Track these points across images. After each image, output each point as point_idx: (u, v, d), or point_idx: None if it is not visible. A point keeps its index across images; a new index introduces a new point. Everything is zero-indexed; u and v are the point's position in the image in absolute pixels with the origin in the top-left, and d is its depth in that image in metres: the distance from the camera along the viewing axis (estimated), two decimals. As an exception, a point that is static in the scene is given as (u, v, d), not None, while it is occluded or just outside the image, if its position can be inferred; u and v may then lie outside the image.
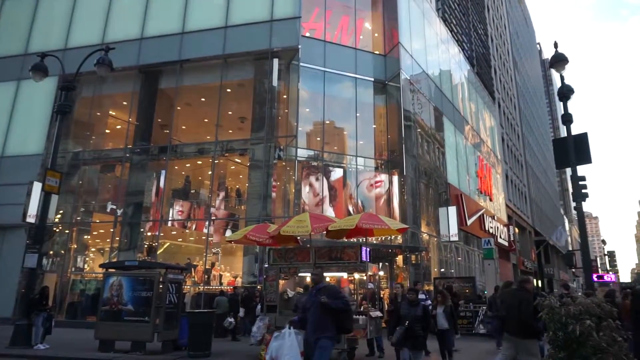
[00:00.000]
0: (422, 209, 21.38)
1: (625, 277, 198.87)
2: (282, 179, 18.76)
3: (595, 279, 27.01)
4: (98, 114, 20.41)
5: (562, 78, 12.78)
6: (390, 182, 20.31)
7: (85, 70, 12.78)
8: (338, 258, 10.52)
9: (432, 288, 18.90)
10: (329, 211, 18.15)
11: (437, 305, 9.07)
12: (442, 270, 22.84)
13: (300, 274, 11.29)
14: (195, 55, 18.80)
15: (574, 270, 62.21)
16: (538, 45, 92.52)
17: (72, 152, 19.75)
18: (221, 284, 17.79)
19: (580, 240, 12.58)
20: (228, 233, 17.69)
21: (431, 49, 26.01)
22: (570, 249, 65.58)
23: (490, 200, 31.54)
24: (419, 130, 22.35)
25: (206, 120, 20.06)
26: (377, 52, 22.06)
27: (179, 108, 19.66)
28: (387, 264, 19.34)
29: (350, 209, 18.82)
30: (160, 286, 10.49)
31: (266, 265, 11.61)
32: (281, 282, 10.88)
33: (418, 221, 20.45)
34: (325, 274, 12.22)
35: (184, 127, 20.60)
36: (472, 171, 29.00)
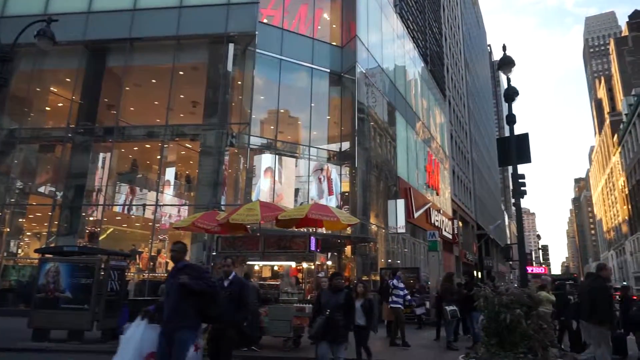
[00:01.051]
0: (372, 201, 21.80)
1: (556, 269, 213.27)
2: (233, 166, 18.51)
3: (529, 271, 28.84)
4: (38, 89, 19.18)
5: (508, 80, 13.35)
6: (342, 173, 20.56)
7: (25, 41, 11.95)
8: (287, 247, 10.59)
9: (378, 278, 19.40)
10: (280, 200, 18.13)
11: (356, 299, 7.82)
12: (389, 261, 23.46)
13: (249, 262, 11.27)
14: (147, 34, 18.07)
15: (511, 262, 65.85)
16: (488, 48, 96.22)
17: (7, 129, 18.49)
18: (167, 271, 17.39)
19: (518, 235, 13.32)
20: (176, 220, 17.28)
21: (387, 43, 26.40)
22: (508, 242, 69.30)
23: (437, 194, 32.67)
24: (372, 123, 22.70)
25: (156, 102, 19.37)
26: (334, 44, 22.12)
27: (127, 88, 18.85)
28: (335, 254, 19.61)
29: (302, 199, 18.88)
30: (102, 273, 10.12)
31: (214, 253, 11.48)
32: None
33: (367, 213, 20.84)
34: (274, 263, 12.29)
35: (132, 108, 19.79)
36: (421, 166, 29.87)
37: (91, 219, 18.20)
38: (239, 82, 19.10)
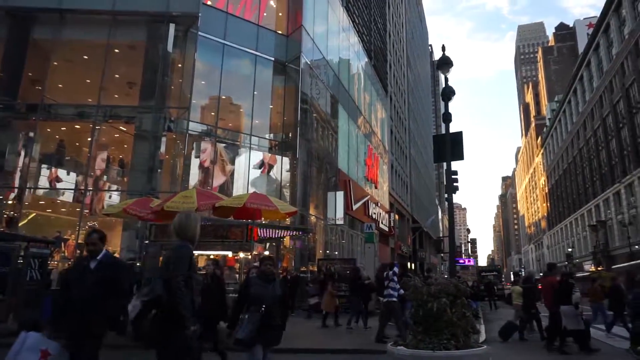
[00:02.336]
0: (312, 192, 21.96)
1: (483, 261, 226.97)
2: (171, 152, 17.86)
3: (458, 263, 30.51)
4: (-51, 58, 17.36)
5: (446, 80, 13.89)
6: (283, 163, 20.50)
7: None
8: (224, 236, 10.42)
9: (315, 269, 19.65)
10: (219, 188, 17.76)
11: None
12: (327, 252, 23.81)
13: (184, 252, 10.98)
14: (80, 6, 16.84)
15: (442, 254, 69.16)
16: (430, 47, 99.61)
17: None
18: (96, 259, 16.49)
19: (449, 229, 13.99)
20: (106, 206, 16.41)
21: (332, 35, 26.54)
22: (441, 235, 72.72)
23: (376, 187, 33.52)
24: (315, 115, 22.79)
25: (88, 81, 18.19)
26: (279, 32, 21.89)
27: (55, 63, 17.51)
28: (274, 244, 19.58)
29: (241, 187, 18.60)
30: (20, 261, 9.43)
31: (147, 242, 11.05)
32: (162, 259, 10.47)
33: (307, 204, 20.98)
34: (210, 252, 12.04)
35: (60, 85, 18.43)
36: (361, 159, 30.47)
37: (10, 202, 16.85)
38: (179, 65, 18.38)
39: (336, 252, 24.96)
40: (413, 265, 48.48)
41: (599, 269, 45.76)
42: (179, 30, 17.52)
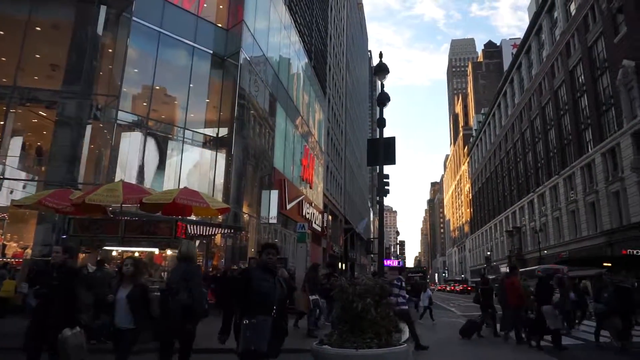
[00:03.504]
0: (246, 190, 21.67)
1: (410, 263, 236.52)
2: (96, 142, 16.83)
3: (386, 264, 31.52)
4: None
5: (382, 86, 14.32)
6: (218, 159, 20.04)
7: None
8: (151, 232, 10.00)
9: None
10: (148, 183, 17.00)
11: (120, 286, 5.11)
12: (260, 250, 23.60)
13: (106, 248, 10.40)
14: (-4, -23, 15.41)
15: (372, 255, 71.12)
16: (369, 53, 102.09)
17: None
18: (4, 255, 15.16)
19: (379, 230, 14.42)
20: (19, 196, 15.11)
21: (274, 32, 26.39)
22: (372, 237, 74.74)
23: (311, 188, 33.79)
24: (252, 112, 22.52)
25: (4, 59, 16.68)
26: (219, 25, 21.39)
27: (-36, 37, 15.89)
28: (204, 241, 19.09)
29: (172, 182, 17.93)
30: None
31: (64, 237, 10.34)
32: (81, 255, 9.85)
33: (241, 201, 20.68)
34: (135, 249, 11.47)
35: (-31, 61, 16.75)
36: (297, 159, 30.57)
37: None
38: (110, 50, 17.39)
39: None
40: (344, 265, 49.42)
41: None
42: (111, 13, 16.58)
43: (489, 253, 75.45)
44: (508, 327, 11.10)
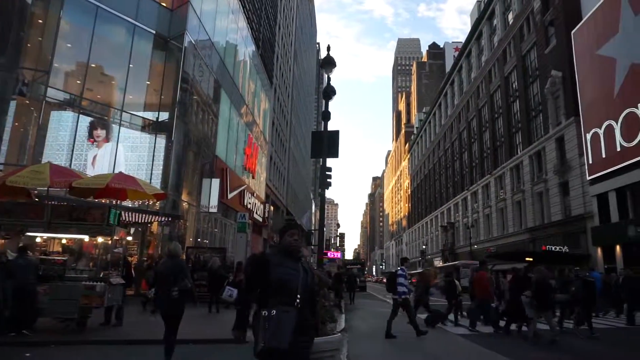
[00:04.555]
0: (186, 177, 21.07)
1: (349, 255, 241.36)
2: (22, 119, 15.63)
3: (327, 255, 32.06)
4: None
5: (328, 79, 14.43)
6: (157, 144, 19.29)
7: None
8: (81, 219, 9.46)
9: (184, 257, 18.91)
10: (79, 166, 16.05)
11: None
12: (199, 240, 23.11)
13: (29, 234, 9.73)
14: None
15: (312, 247, 71.69)
16: (317, 45, 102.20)
17: None
18: None
19: (319, 222, 14.57)
20: None
21: (221, 16, 25.71)
22: (313, 228, 75.36)
23: (253, 177, 33.45)
24: (195, 97, 21.87)
25: None
26: (163, 4, 20.50)
27: None
28: (140, 229, 18.39)
29: (106, 167, 17.05)
30: None
31: (-19, 220, 9.53)
32: (0, 241, 9.16)
33: (180, 189, 20.09)
34: (63, 235, 10.81)
35: None
36: (240, 148, 30.11)
37: None
38: (40, 21, 16.14)
39: (206, 240, 24.35)
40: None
41: (442, 264, 51.82)
42: (43, -19, 15.39)
43: (424, 247, 78.66)
44: (477, 317, 11.99)
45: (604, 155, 28.32)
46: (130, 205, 15.78)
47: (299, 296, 3.12)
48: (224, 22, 26.36)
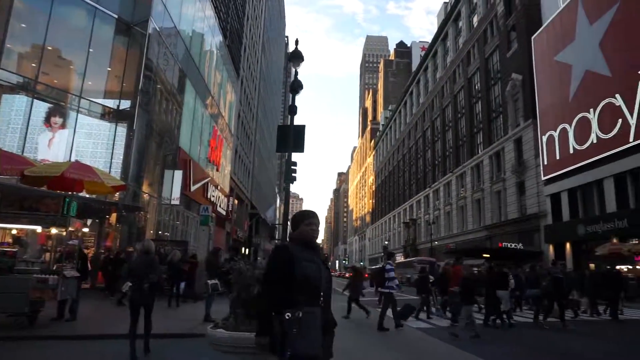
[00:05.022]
0: (147, 168, 20.51)
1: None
2: (-30, 102, 14.75)
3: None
4: None
5: (296, 73, 14.37)
6: (117, 133, 18.66)
7: None
8: (33, 208, 9.06)
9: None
10: (33, 154, 15.31)
11: None
12: (160, 232, 22.58)
13: (-24, 223, 9.23)
14: None
15: (276, 241, 71.53)
16: (286, 39, 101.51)
17: None
18: None
19: (283, 216, 14.54)
20: None
21: (187, 3, 25.09)
22: (276, 223, 75.15)
23: (217, 170, 32.96)
24: (159, 86, 21.27)
25: None
26: (127, -12, 19.77)
27: None
28: (97, 220, 17.79)
29: (62, 155, 16.34)
30: None
31: None
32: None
33: (141, 180, 19.54)
34: (13, 226, 10.33)
35: None
36: (205, 140, 29.58)
37: None
38: (-8, -1, 15.24)
39: (167, 233, 23.83)
40: (247, 250, 49.16)
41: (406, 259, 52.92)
42: (-5, -43, 14.52)
43: (386, 242, 79.95)
44: (459, 311, 12.49)
45: (558, 157, 29.61)
46: (87, 196, 15.22)
47: (322, 293, 2.86)
48: (190, 10, 25.75)
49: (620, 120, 24.45)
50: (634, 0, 24.36)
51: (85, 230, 14.14)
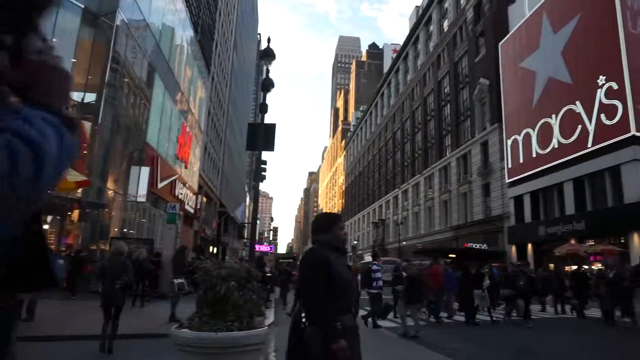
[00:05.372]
0: (113, 164, 19.96)
1: (283, 249, 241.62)
2: None
3: (258, 249, 31.93)
4: None
5: (267, 71, 14.30)
6: (82, 128, 18.06)
7: None
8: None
9: (108, 247, 17.95)
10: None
11: None
12: (125, 230, 22.02)
13: None
14: None
15: (245, 240, 70.97)
16: (258, 36, 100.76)
17: None
18: None
19: (252, 215, 14.45)
20: None
21: (158, -3, 24.55)
22: (245, 222, 74.53)
23: (186, 167, 32.40)
24: (126, 80, 20.73)
25: None
26: (94, -22, 19.16)
27: None
28: (58, 217, 17.18)
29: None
30: None
31: None
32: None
33: (105, 176, 19.00)
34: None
35: None
36: (173, 136, 29.02)
37: None
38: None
39: (132, 231, 23.26)
40: (215, 249, 48.57)
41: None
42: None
43: (355, 242, 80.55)
44: (443, 308, 13.20)
45: (521, 161, 30.59)
46: (47, 191, 14.65)
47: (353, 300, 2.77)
48: (160, 3, 25.19)
49: (579, 126, 25.48)
50: (594, 12, 25.43)
51: (45, 227, 13.62)
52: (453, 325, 12.43)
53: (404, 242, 51.07)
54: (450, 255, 29.37)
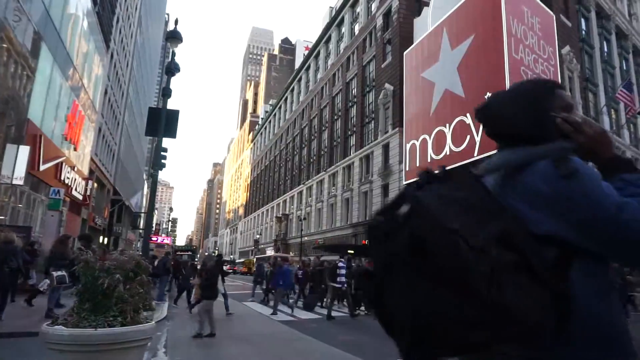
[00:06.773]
0: (-16, 140, 17.52)
1: (182, 241, 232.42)
2: None
3: (154, 241, 30.25)
4: None
5: (173, 54, 13.59)
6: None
7: None
8: None
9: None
10: None
11: None
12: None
13: None
14: None
15: (140, 230, 66.93)
16: (166, 16, 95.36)
17: None
18: None
19: (149, 205, 13.63)
20: None
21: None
22: (143, 212, 70.31)
23: (75, 150, 29.57)
24: (5, 45, 18.30)
25: None
26: None
27: None
28: None
29: None
30: None
31: None
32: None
33: (-26, 153, 16.63)
34: None
35: None
36: (62, 114, 26.27)
37: None
38: None
39: (3, 217, 20.65)
40: (106, 239, 45.16)
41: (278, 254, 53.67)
42: None
43: (258, 236, 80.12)
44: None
45: (417, 164, 32.71)
46: None
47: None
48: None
49: (468, 136, 27.92)
50: (486, 35, 28.01)
51: None
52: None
53: (306, 238, 51.94)
54: (349, 252, 30.52)
